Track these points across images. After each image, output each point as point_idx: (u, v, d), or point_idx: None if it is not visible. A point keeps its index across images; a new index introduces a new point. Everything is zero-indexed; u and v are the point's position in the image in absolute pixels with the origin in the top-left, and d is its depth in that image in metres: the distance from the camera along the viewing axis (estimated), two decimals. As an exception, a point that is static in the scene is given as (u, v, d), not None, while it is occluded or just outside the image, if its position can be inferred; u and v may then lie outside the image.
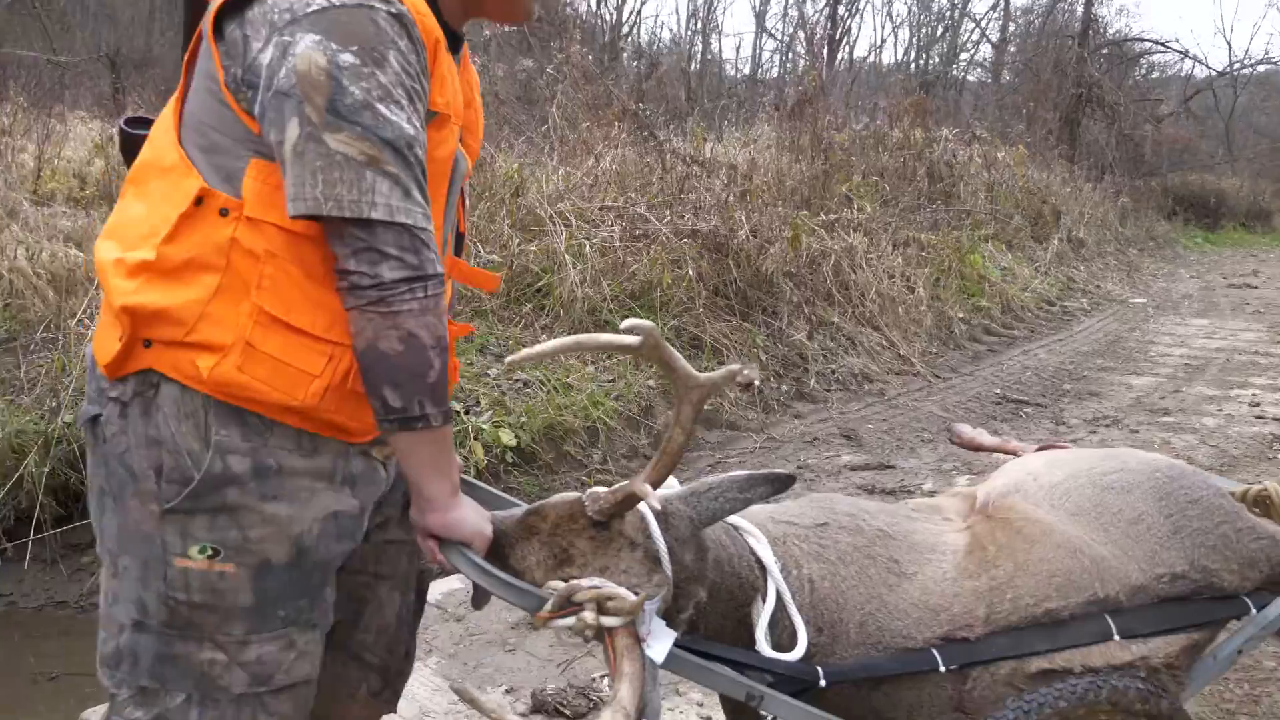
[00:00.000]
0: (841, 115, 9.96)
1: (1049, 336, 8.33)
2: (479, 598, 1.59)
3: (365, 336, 1.29)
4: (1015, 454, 2.40)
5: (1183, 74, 24.83)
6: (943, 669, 1.67)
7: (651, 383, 5.14)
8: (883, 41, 53.74)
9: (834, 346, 6.49)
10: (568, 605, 1.43)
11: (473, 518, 1.47)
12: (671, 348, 1.45)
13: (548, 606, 1.43)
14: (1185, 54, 27.56)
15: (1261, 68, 26.64)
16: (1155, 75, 23.40)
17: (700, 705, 2.69)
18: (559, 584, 1.45)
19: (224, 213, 1.31)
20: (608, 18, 20.02)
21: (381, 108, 1.26)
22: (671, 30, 29.71)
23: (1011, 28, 23.34)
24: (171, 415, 1.33)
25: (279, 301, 1.32)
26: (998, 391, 6.37)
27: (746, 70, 24.00)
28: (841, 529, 1.79)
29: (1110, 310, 9.86)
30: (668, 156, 7.17)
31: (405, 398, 1.31)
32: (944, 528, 1.89)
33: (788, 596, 1.66)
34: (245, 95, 1.31)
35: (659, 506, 1.52)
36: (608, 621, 1.41)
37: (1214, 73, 25.17)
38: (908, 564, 1.77)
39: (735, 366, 1.47)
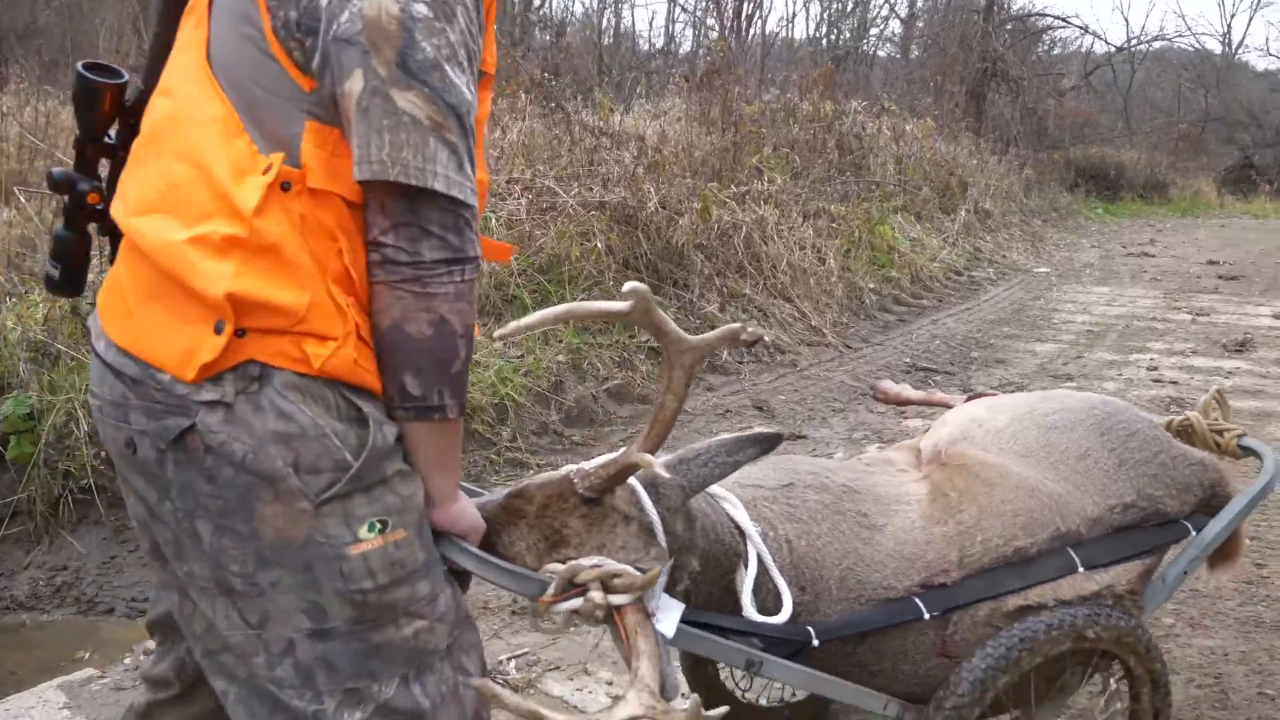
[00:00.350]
0: (752, 88, 9.93)
1: (957, 306, 8.46)
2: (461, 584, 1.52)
3: (391, 315, 1.19)
4: (944, 405, 2.41)
5: (1083, 50, 25.54)
6: (926, 616, 1.69)
7: (561, 358, 5.03)
8: (793, 15, 54.16)
9: (746, 318, 6.46)
10: (570, 587, 1.37)
11: (471, 510, 1.39)
12: (661, 311, 1.40)
13: (550, 590, 1.37)
14: (1085, 30, 28.46)
15: (1156, 44, 27.54)
16: (1057, 51, 23.99)
17: (609, 684, 2.62)
18: (558, 566, 1.39)
19: (285, 187, 1.17)
20: (518, -10, 19.66)
21: (449, 69, 1.16)
22: (584, 3, 29.42)
23: (920, 3, 23.67)
24: (299, 402, 1.19)
25: (365, 283, 1.21)
26: (907, 360, 6.43)
27: (660, 43, 23.87)
28: (808, 488, 1.80)
29: (1016, 279, 10.07)
30: (576, 129, 7.03)
31: (426, 385, 1.22)
32: (902, 479, 1.91)
33: (769, 559, 1.65)
34: (296, 44, 1.17)
35: (667, 475, 1.47)
36: (616, 600, 1.36)
37: (1113, 48, 25.92)
38: (876, 516, 1.78)
39: (735, 326, 1.42)
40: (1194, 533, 1.96)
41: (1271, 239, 14.10)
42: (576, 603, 1.36)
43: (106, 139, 1.44)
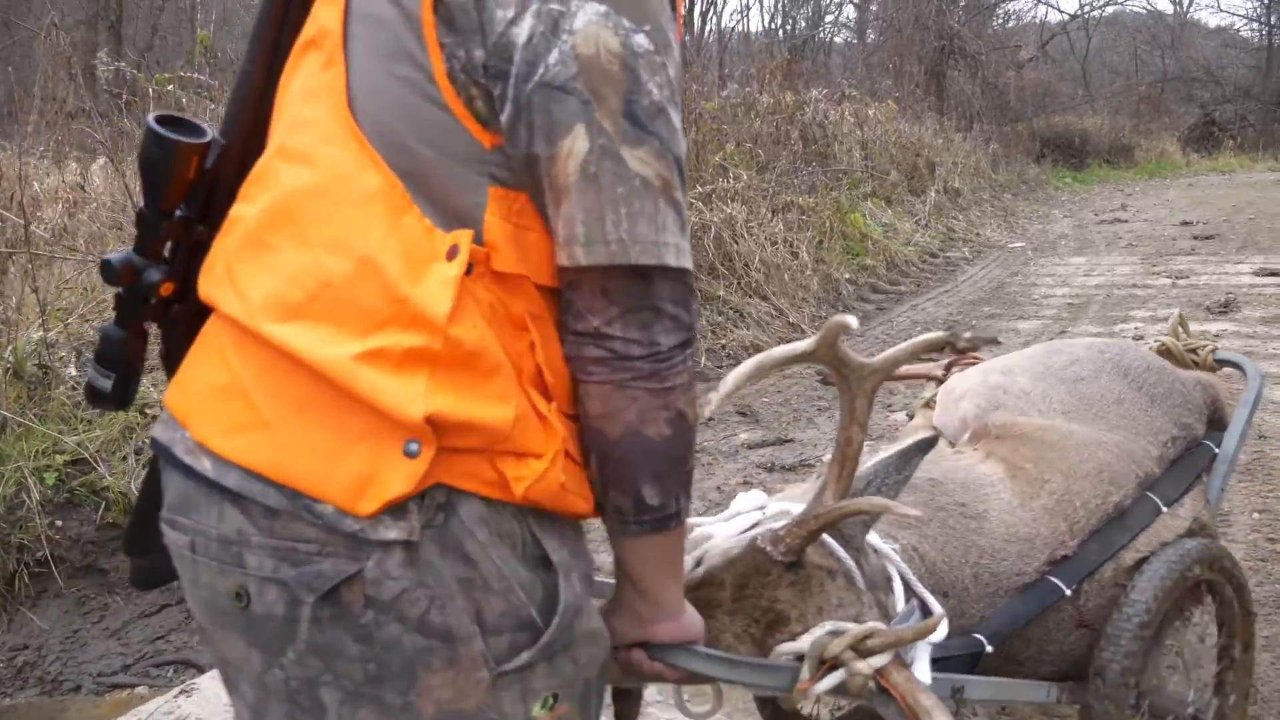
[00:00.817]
0: (710, 84, 9.80)
1: (935, 289, 8.35)
2: (625, 712, 1.36)
3: (625, 420, 0.98)
4: (926, 377, 2.33)
5: (1037, 20, 25.65)
6: (1068, 592, 1.64)
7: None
8: (748, 7, 54.26)
9: (722, 321, 6.32)
10: (819, 666, 1.23)
11: (695, 612, 1.19)
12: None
13: (804, 673, 1.22)
14: (1038, 0, 28.41)
15: (1109, 9, 27.67)
16: (1012, 24, 24.07)
17: None
18: (797, 645, 1.26)
19: (470, 270, 0.94)
20: None
21: (671, 112, 0.96)
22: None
23: (872, -14, 23.62)
24: (485, 540, 0.97)
25: (561, 383, 1.00)
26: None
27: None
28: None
29: (992, 257, 9.97)
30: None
31: (665, 493, 1.01)
32: (965, 461, 1.83)
33: (909, 574, 1.54)
34: (480, 91, 0.94)
35: (915, 512, 1.38)
36: (877, 662, 1.23)
37: (1066, 16, 26.02)
38: (974, 504, 1.72)
39: (930, 336, 1.36)
40: (1216, 449, 2.00)
41: (1241, 194, 14.10)
42: (837, 677, 1.22)
43: (178, 213, 1.13)
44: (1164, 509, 1.79)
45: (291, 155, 1.01)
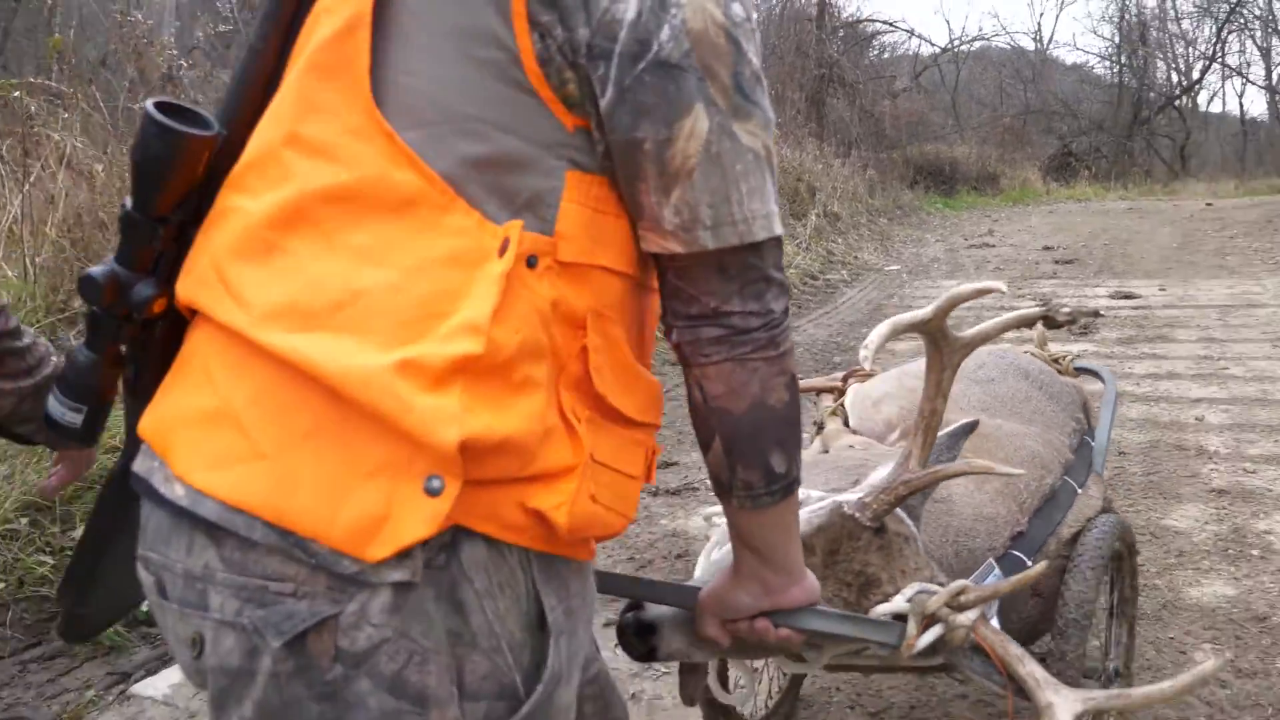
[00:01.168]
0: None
1: (816, 311, 8.51)
2: (691, 686, 1.40)
3: (750, 393, 0.94)
4: (827, 389, 2.41)
5: (911, 52, 26.66)
6: (1030, 564, 1.72)
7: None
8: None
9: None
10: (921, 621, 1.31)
11: (811, 574, 1.16)
12: None
13: (910, 628, 1.29)
14: (912, 33, 29.75)
15: (976, 44, 29.05)
16: (888, 55, 24.94)
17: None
18: (888, 606, 1.34)
19: (532, 262, 0.86)
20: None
21: (763, 79, 0.93)
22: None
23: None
24: (482, 589, 0.87)
25: (613, 382, 0.94)
26: (772, 371, 6.37)
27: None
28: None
29: (869, 279, 10.25)
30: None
31: (790, 458, 0.98)
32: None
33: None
34: (570, 74, 0.87)
35: (1018, 471, 1.58)
36: (967, 617, 1.30)
37: (938, 50, 27.17)
38: (938, 490, 1.79)
39: (1025, 311, 1.52)
40: (1091, 442, 2.22)
41: (1096, 221, 14.91)
42: (936, 631, 1.29)
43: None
44: (1079, 490, 1.97)
45: (309, 147, 0.88)
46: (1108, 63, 30.57)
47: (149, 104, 0.90)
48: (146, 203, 0.93)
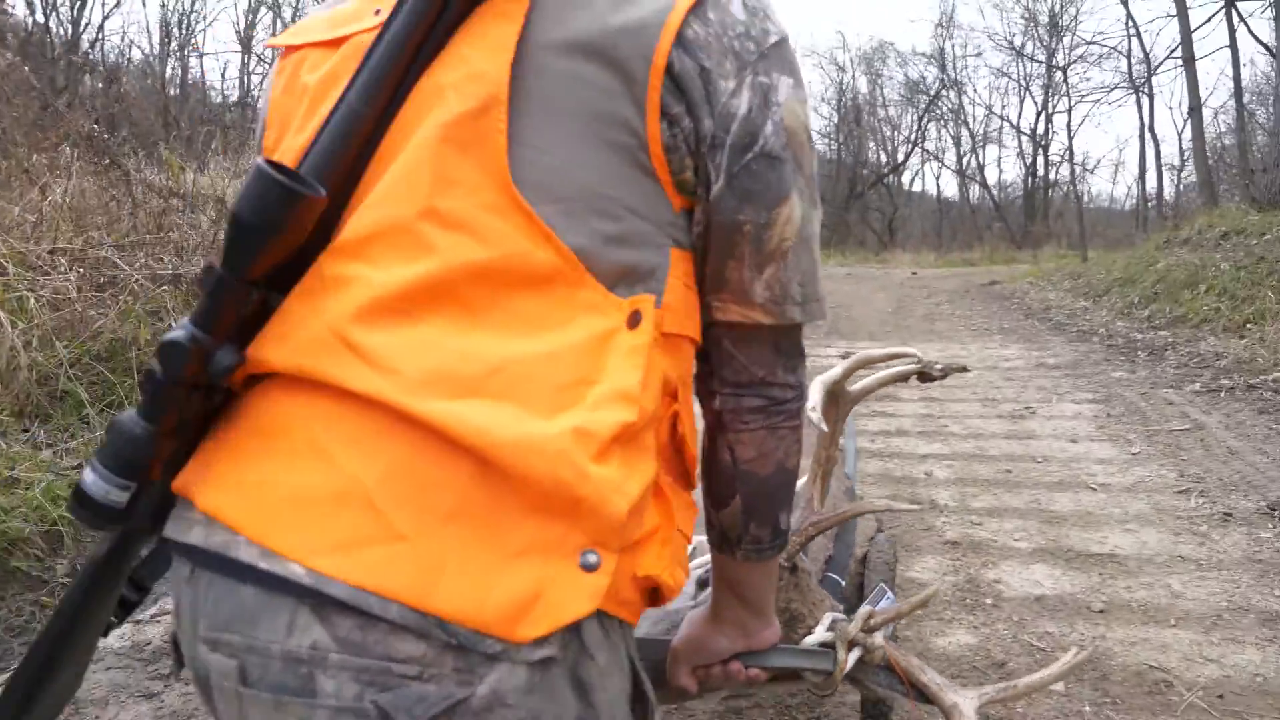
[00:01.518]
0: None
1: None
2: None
3: (774, 459, 1.02)
4: None
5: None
6: (842, 583, 1.88)
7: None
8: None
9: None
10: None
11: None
12: None
13: (840, 654, 1.39)
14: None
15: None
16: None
17: None
18: (815, 636, 1.42)
19: (635, 321, 0.88)
20: (62, 31, 17.37)
21: None
22: (143, 50, 26.66)
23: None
24: (604, 667, 0.85)
25: (691, 446, 0.99)
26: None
27: (235, 96, 22.30)
28: None
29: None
30: (139, 189, 6.10)
31: (789, 514, 1.08)
32: None
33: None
34: (689, 161, 0.91)
35: (914, 507, 2.04)
36: (879, 638, 1.41)
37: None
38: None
39: (904, 368, 1.67)
40: (847, 471, 2.41)
41: (826, 286, 16.11)
42: (858, 653, 1.40)
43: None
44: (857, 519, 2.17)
45: (448, 221, 0.86)
46: (827, 139, 33.44)
47: (262, 162, 0.84)
48: (243, 264, 0.85)
